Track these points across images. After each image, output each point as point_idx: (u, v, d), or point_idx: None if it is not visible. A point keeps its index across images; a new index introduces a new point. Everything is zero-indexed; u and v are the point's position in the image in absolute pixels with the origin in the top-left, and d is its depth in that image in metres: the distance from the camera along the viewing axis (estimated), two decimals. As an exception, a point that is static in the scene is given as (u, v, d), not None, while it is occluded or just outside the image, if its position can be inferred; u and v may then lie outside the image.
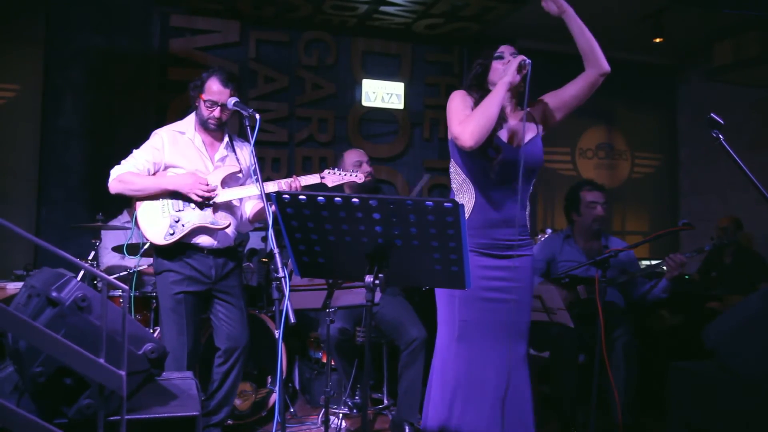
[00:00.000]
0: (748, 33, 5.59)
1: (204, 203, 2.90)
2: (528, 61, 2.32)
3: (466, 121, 2.29)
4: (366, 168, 3.75)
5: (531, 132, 2.45)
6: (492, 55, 2.47)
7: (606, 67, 2.43)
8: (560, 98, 2.52)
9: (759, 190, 2.25)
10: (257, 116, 2.52)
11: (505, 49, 2.49)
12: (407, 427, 3.41)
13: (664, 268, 3.35)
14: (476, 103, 2.38)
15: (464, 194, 2.41)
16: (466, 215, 2.38)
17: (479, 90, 2.45)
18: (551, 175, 6.72)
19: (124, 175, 2.88)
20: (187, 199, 2.90)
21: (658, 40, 5.72)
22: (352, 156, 3.85)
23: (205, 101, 2.94)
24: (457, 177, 2.44)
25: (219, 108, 2.93)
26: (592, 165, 6.91)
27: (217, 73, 2.94)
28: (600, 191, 3.63)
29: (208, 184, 2.90)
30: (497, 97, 2.29)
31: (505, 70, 2.34)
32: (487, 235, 2.36)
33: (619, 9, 5.43)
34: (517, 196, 2.37)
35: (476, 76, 2.49)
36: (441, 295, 2.42)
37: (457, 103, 2.41)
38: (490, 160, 2.33)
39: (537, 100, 2.55)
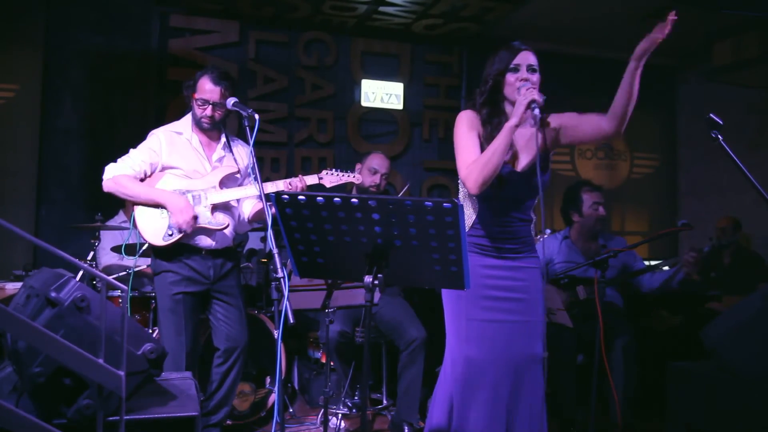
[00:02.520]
0: (747, 33, 5.59)
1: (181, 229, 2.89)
2: (536, 107, 2.14)
3: (472, 167, 2.24)
4: (374, 180, 3.71)
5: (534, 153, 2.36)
6: (506, 68, 2.31)
7: (623, 129, 2.31)
8: (575, 129, 2.40)
9: (758, 190, 2.25)
10: (256, 116, 2.52)
11: (521, 61, 2.30)
12: (406, 428, 3.41)
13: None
14: (485, 123, 2.33)
15: (467, 207, 2.39)
16: (467, 227, 2.36)
17: (491, 106, 2.35)
18: (550, 176, 6.71)
19: (119, 178, 2.87)
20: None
21: (657, 40, 5.72)
22: (373, 161, 3.77)
23: (197, 100, 2.94)
24: (463, 189, 2.42)
25: (211, 107, 2.93)
26: (591, 165, 6.91)
27: (209, 72, 2.94)
28: (600, 191, 3.64)
29: (194, 218, 2.88)
30: (502, 144, 2.19)
31: (514, 111, 2.20)
32: (489, 243, 2.35)
33: (619, 9, 5.43)
34: (521, 213, 2.37)
35: (489, 90, 2.36)
36: (446, 294, 2.40)
37: (464, 132, 2.33)
38: (493, 186, 2.28)
39: (552, 118, 2.41)
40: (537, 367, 2.33)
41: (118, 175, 2.88)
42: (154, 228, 2.89)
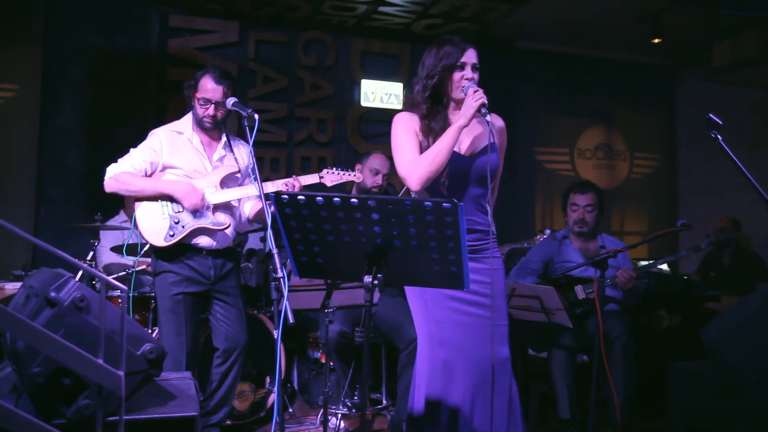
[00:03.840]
0: (747, 33, 5.59)
1: (196, 211, 2.89)
2: (486, 111, 2.21)
3: (415, 163, 2.25)
4: (376, 180, 3.72)
5: (481, 144, 2.37)
6: (453, 65, 2.31)
7: None
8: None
9: (757, 190, 2.25)
10: (256, 116, 2.52)
11: (467, 59, 2.31)
12: (405, 427, 3.41)
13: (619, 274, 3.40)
14: (425, 118, 2.33)
15: None
16: None
17: (432, 102, 2.35)
18: (550, 176, 6.72)
19: (120, 175, 2.87)
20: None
21: (657, 40, 5.72)
22: (374, 161, 3.78)
23: (198, 99, 2.94)
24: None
25: (213, 106, 2.93)
26: (590, 165, 6.91)
27: (210, 71, 2.94)
28: (586, 193, 3.63)
29: (203, 198, 2.88)
30: (449, 144, 2.23)
31: (463, 113, 2.23)
32: None
33: (619, 9, 5.43)
34: (471, 203, 2.34)
35: (433, 87, 2.35)
36: (411, 296, 2.38)
37: (401, 133, 2.35)
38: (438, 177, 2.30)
39: (500, 131, 2.47)
40: (507, 368, 2.33)
41: (119, 173, 2.88)
42: (155, 228, 2.89)
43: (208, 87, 2.91)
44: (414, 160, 2.28)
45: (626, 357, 3.37)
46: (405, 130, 2.36)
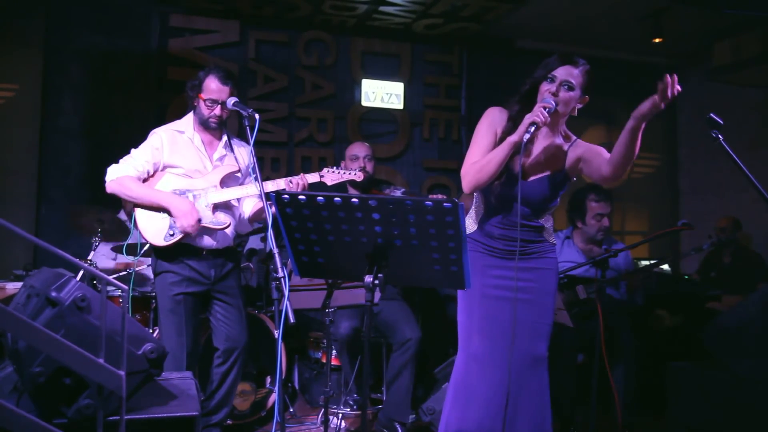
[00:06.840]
0: (747, 33, 5.59)
1: (186, 233, 2.89)
2: (533, 129, 2.18)
3: (470, 168, 2.31)
4: (358, 165, 3.66)
5: (548, 170, 2.40)
6: (544, 76, 2.33)
7: (619, 178, 2.32)
8: (588, 164, 2.39)
9: (758, 190, 2.25)
10: (257, 116, 2.52)
11: (560, 74, 2.31)
12: (399, 428, 3.42)
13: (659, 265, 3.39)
14: (510, 119, 2.36)
15: (477, 203, 2.48)
16: (475, 224, 2.45)
17: (522, 106, 2.36)
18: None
19: (123, 179, 2.87)
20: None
21: (657, 40, 5.72)
22: (351, 149, 3.78)
23: (205, 100, 2.93)
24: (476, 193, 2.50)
25: (219, 106, 2.93)
26: (591, 165, 6.90)
27: (214, 72, 2.94)
28: (606, 201, 3.62)
29: (199, 221, 2.87)
30: (499, 157, 2.25)
31: (518, 128, 2.23)
32: (492, 244, 2.40)
33: (619, 9, 5.43)
34: (526, 219, 2.38)
35: (524, 93, 2.39)
36: (460, 300, 2.45)
37: (482, 129, 2.39)
38: (503, 186, 2.36)
39: (580, 145, 2.44)
40: (541, 367, 2.37)
41: (122, 176, 2.88)
42: (155, 228, 2.89)
43: (214, 87, 2.91)
44: (472, 164, 2.32)
45: (626, 357, 3.37)
46: (487, 126, 2.39)
